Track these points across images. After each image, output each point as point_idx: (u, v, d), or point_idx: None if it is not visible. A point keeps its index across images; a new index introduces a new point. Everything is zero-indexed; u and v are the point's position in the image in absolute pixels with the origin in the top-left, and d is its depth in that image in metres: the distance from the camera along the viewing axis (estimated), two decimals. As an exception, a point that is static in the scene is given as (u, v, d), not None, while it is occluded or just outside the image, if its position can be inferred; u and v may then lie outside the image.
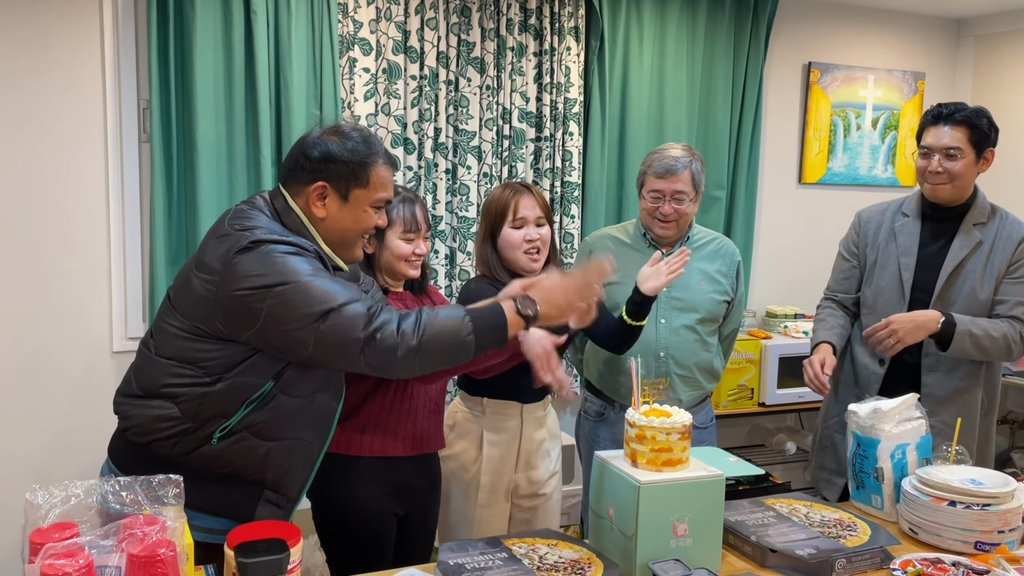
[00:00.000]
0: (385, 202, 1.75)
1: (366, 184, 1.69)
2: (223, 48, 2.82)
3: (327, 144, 1.69)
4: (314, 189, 1.68)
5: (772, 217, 3.98)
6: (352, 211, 1.70)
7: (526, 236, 2.29)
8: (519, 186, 2.34)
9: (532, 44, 3.30)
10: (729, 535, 1.84)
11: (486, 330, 1.63)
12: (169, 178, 2.82)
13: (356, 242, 1.75)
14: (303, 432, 1.73)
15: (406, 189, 2.19)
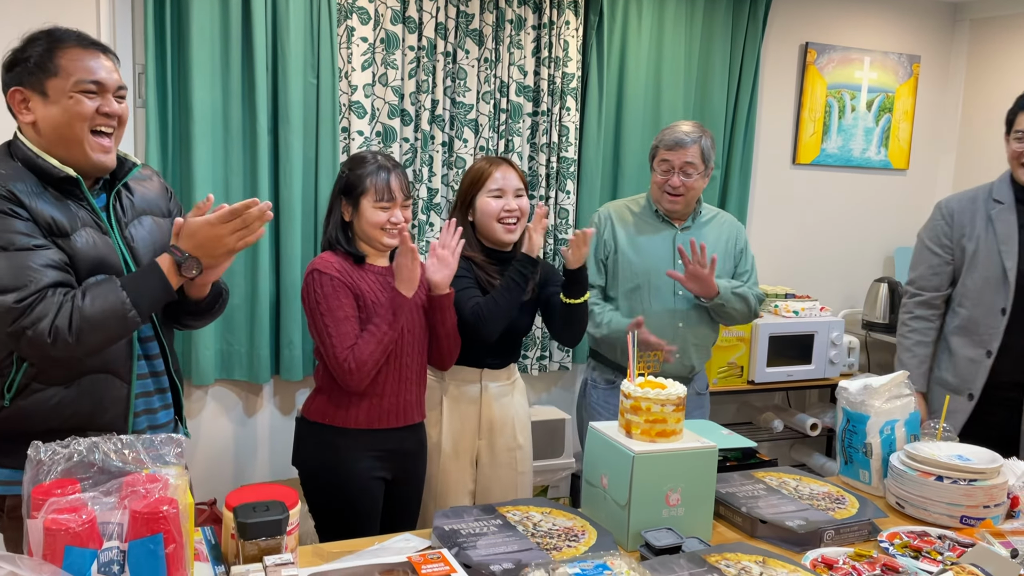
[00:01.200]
0: (93, 83, 1.63)
1: (56, 73, 1.62)
2: (220, 14, 2.79)
3: (7, 54, 1.67)
4: (11, 97, 1.65)
5: (765, 197, 3.99)
6: (57, 104, 1.62)
7: (505, 206, 2.31)
8: (497, 158, 2.36)
9: (531, 17, 3.28)
10: (720, 506, 1.87)
11: (146, 295, 1.62)
12: (164, 144, 2.80)
13: (81, 137, 1.64)
14: (97, 371, 1.67)
15: (386, 156, 2.17)
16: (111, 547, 1.17)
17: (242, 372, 3.00)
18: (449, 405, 2.38)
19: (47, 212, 1.59)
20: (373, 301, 2.10)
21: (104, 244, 1.66)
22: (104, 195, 1.75)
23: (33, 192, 1.60)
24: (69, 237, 1.61)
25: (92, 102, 1.63)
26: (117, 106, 1.67)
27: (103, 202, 1.73)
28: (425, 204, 3.20)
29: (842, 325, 3.77)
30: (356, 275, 2.12)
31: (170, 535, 1.19)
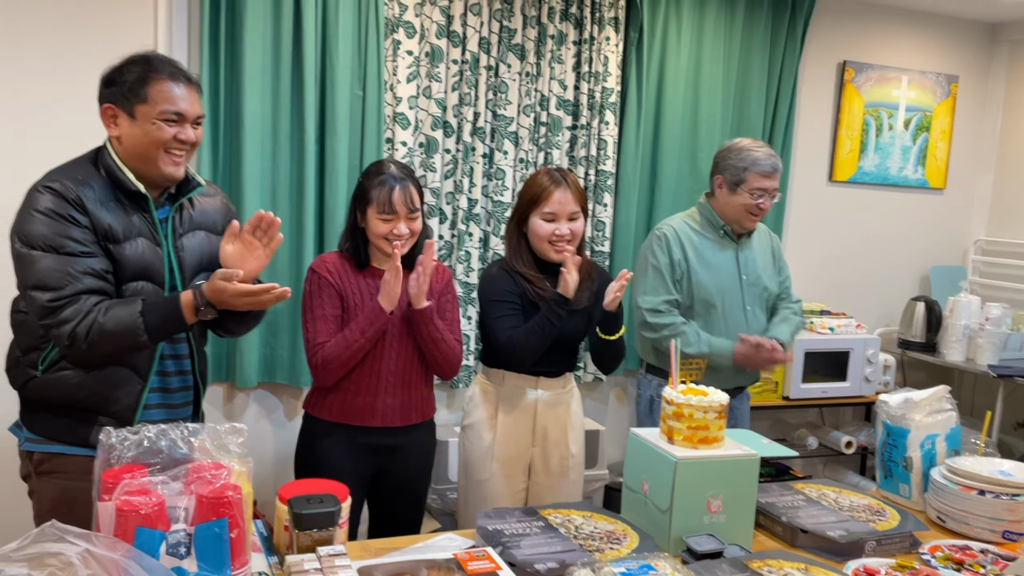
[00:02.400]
0: (175, 113, 1.81)
1: (145, 100, 1.79)
2: (272, 27, 2.88)
3: (107, 71, 1.84)
4: (104, 112, 1.83)
5: (801, 213, 4.00)
6: (141, 126, 1.80)
7: (556, 230, 2.33)
8: (558, 176, 2.35)
9: (572, 33, 3.34)
10: (760, 516, 1.88)
11: (159, 323, 1.77)
12: (215, 153, 2.88)
13: (156, 156, 1.81)
14: (121, 364, 1.83)
15: (399, 167, 2.20)
16: (178, 530, 1.22)
17: (283, 375, 3.07)
18: (504, 412, 2.40)
19: (106, 220, 1.78)
20: (356, 304, 2.19)
21: (152, 253, 1.84)
22: (168, 207, 1.91)
23: (100, 199, 1.79)
24: (120, 244, 1.79)
25: (171, 129, 1.81)
26: (192, 133, 1.85)
27: (166, 213, 1.90)
28: (465, 214, 3.25)
29: (878, 343, 3.76)
30: (349, 277, 2.21)
31: (234, 520, 1.24)
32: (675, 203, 3.56)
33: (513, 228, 2.41)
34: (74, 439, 1.84)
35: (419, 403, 2.30)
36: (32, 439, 1.87)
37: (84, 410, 1.83)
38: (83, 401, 1.82)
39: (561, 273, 2.29)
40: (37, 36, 2.70)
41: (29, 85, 2.71)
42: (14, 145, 2.68)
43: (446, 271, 2.37)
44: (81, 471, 1.80)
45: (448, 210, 3.26)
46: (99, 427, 1.76)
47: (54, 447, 1.85)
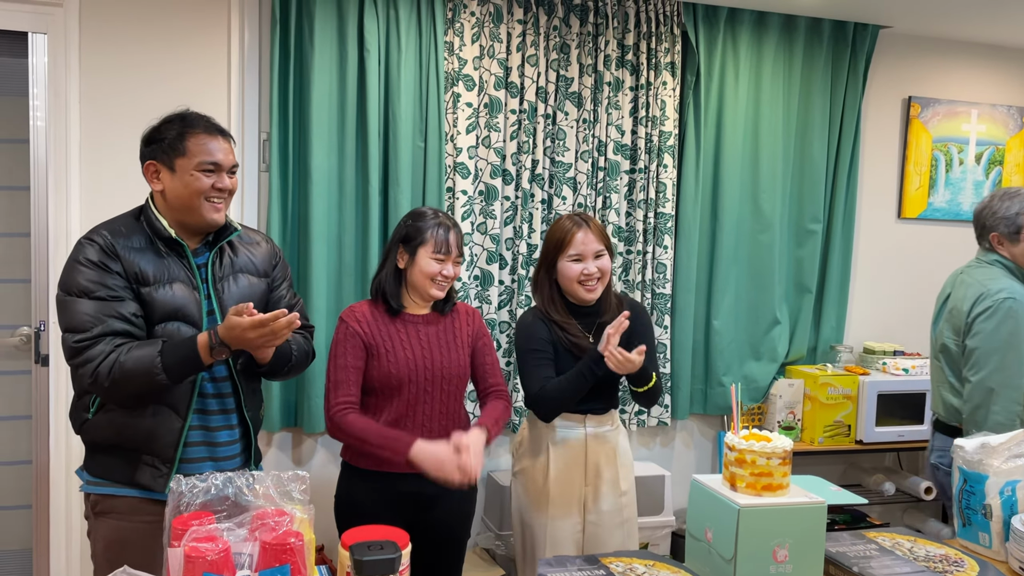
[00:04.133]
0: (212, 164, 1.92)
1: (184, 153, 1.91)
2: (338, 84, 3.00)
3: (147, 130, 1.97)
4: (146, 169, 1.95)
5: (870, 252, 3.91)
6: (181, 178, 1.91)
7: (584, 270, 2.37)
8: (578, 219, 2.41)
9: (628, 79, 3.38)
10: (829, 566, 1.82)
11: (177, 363, 1.83)
12: (285, 205, 2.99)
13: (198, 205, 1.92)
14: (160, 401, 1.90)
15: (446, 215, 2.29)
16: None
17: (349, 422, 3.12)
18: (555, 452, 2.41)
19: (138, 265, 1.89)
20: (387, 350, 2.21)
21: (187, 297, 1.93)
22: (208, 253, 2.00)
23: (136, 247, 1.91)
24: (152, 287, 1.89)
25: (209, 179, 1.92)
26: (228, 182, 1.97)
27: (205, 259, 1.99)
28: (525, 259, 3.29)
29: (956, 384, 3.61)
30: (379, 325, 2.24)
31: (296, 567, 1.27)
32: (737, 245, 3.53)
33: (543, 276, 2.44)
34: (123, 479, 1.93)
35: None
36: (90, 481, 1.97)
37: (130, 449, 1.91)
38: (128, 441, 1.91)
39: (606, 333, 2.27)
40: (117, 98, 2.87)
41: (110, 147, 2.87)
42: (98, 203, 2.84)
43: (475, 313, 2.41)
44: (130, 510, 1.92)
45: (508, 255, 3.30)
46: (144, 466, 1.92)
47: (107, 488, 1.94)
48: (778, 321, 3.61)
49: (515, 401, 3.29)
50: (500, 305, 3.31)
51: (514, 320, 3.30)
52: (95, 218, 2.82)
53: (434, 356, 2.25)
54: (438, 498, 2.27)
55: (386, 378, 2.21)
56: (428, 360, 2.24)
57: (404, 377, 2.21)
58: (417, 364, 2.23)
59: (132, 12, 2.87)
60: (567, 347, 2.39)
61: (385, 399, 2.23)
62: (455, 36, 3.13)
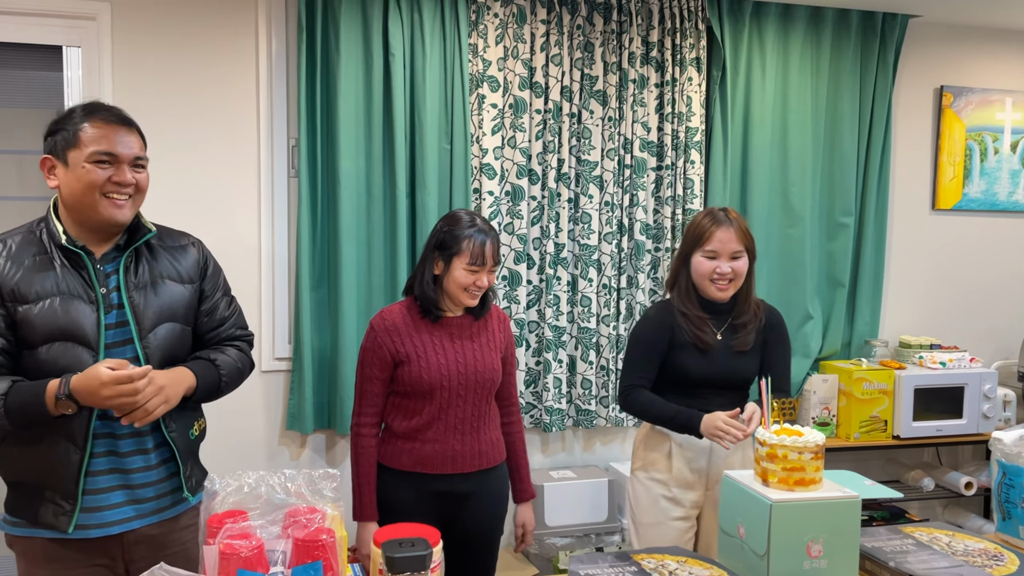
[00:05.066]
0: (106, 154, 1.74)
1: (76, 144, 1.73)
2: (364, 89, 3.03)
3: (49, 122, 1.79)
4: (41, 165, 1.78)
5: (904, 244, 3.86)
6: (74, 172, 1.73)
7: (716, 268, 2.35)
8: (722, 215, 2.39)
9: (654, 76, 3.37)
10: (865, 561, 1.80)
11: (20, 409, 1.66)
12: (314, 210, 3.03)
13: (94, 201, 1.74)
14: (52, 436, 1.72)
15: (483, 220, 2.26)
16: (276, 572, 1.27)
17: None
18: (677, 456, 2.40)
19: (13, 281, 1.71)
20: (418, 355, 2.22)
21: (77, 312, 1.72)
22: (119, 259, 1.81)
23: (20, 260, 1.73)
24: (29, 304, 1.70)
25: (104, 171, 1.73)
26: (130, 175, 1.77)
27: (116, 265, 1.80)
28: (552, 259, 3.29)
29: (995, 377, 3.55)
30: (411, 330, 2.24)
31: (328, 563, 1.29)
32: (768, 239, 3.50)
33: (680, 269, 2.45)
34: (28, 517, 1.76)
35: (489, 448, 2.32)
36: (6, 519, 1.80)
37: (31, 484, 1.75)
38: (28, 475, 1.75)
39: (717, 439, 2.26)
40: (149, 109, 2.93)
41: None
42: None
43: (507, 320, 2.42)
44: (43, 557, 1.75)
45: (536, 255, 3.30)
46: (46, 503, 1.73)
47: (18, 530, 1.78)
48: (811, 316, 3.57)
49: (559, 402, 3.29)
50: (528, 305, 3.31)
51: (542, 320, 3.31)
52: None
53: (467, 360, 2.26)
54: (470, 497, 2.29)
55: (417, 383, 2.22)
56: (461, 365, 2.25)
57: (436, 383, 2.22)
58: (450, 369, 2.23)
59: (162, 23, 2.93)
60: (691, 339, 2.37)
61: (418, 402, 2.25)
62: (479, 38, 3.15)
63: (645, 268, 3.40)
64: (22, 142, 2.97)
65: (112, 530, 1.78)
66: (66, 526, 1.74)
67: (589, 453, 3.52)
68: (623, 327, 3.40)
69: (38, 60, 2.93)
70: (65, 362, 1.70)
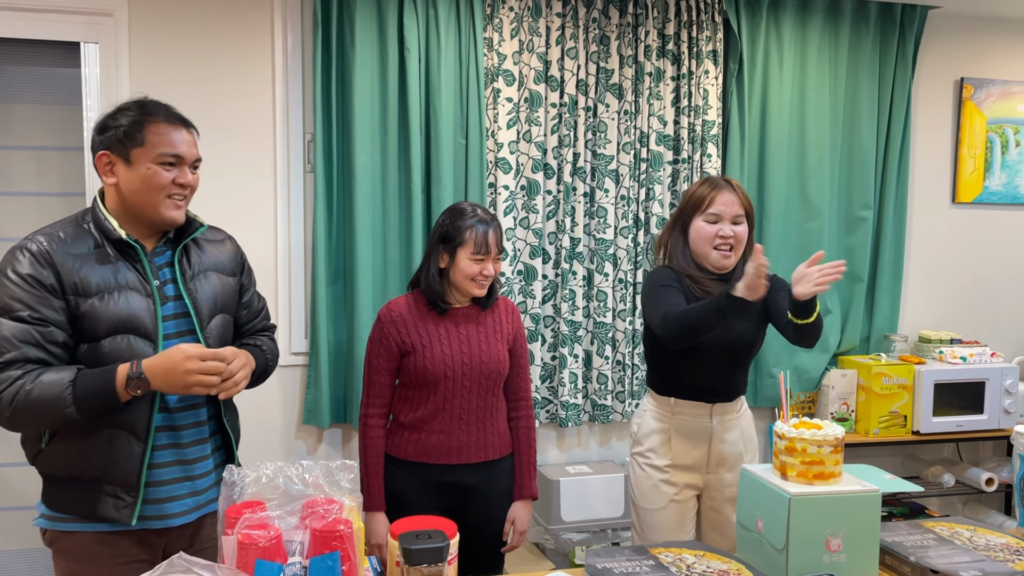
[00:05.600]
0: (173, 156, 1.74)
1: (142, 143, 1.72)
2: (379, 83, 3.03)
3: (100, 118, 1.77)
4: (98, 160, 1.75)
5: (924, 238, 3.82)
6: (137, 171, 1.72)
7: (719, 232, 2.29)
8: (722, 180, 2.35)
9: (670, 69, 3.35)
10: (885, 555, 1.79)
11: (88, 397, 1.63)
12: (330, 205, 3.03)
13: (157, 202, 1.74)
14: (112, 430, 1.71)
15: (484, 210, 2.27)
16: (294, 563, 1.27)
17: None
18: (677, 440, 2.38)
19: (77, 275, 1.68)
20: (423, 345, 2.23)
21: (137, 305, 1.72)
22: (170, 251, 1.83)
23: (76, 254, 1.70)
24: (93, 298, 1.69)
25: (169, 173, 1.75)
26: (191, 177, 1.79)
27: (168, 258, 1.82)
28: (568, 253, 3.28)
29: (1016, 372, 3.51)
30: (417, 321, 2.25)
31: (346, 554, 1.29)
32: (785, 233, 3.48)
33: (675, 236, 2.35)
34: (83, 512, 1.74)
35: (495, 439, 2.33)
36: (45, 515, 1.78)
37: (89, 480, 1.72)
38: (86, 470, 1.72)
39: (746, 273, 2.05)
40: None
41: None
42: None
43: (516, 311, 2.41)
44: (89, 553, 1.73)
45: (551, 250, 3.30)
46: (106, 497, 1.71)
47: (64, 524, 1.75)
48: (829, 311, 3.55)
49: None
50: (544, 300, 3.30)
51: (558, 315, 3.30)
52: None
53: (472, 351, 2.26)
54: (476, 488, 2.30)
55: (422, 374, 2.23)
56: (466, 356, 2.25)
57: (440, 373, 2.23)
58: (455, 360, 2.24)
59: (179, 19, 2.94)
60: (699, 296, 2.29)
61: (423, 392, 2.26)
62: (494, 32, 3.14)
63: (663, 261, 3.38)
64: (40, 138, 2.99)
65: (173, 522, 1.79)
66: (129, 519, 1.73)
67: (605, 448, 3.52)
68: (639, 322, 3.38)
69: (56, 56, 2.96)
70: (128, 355, 1.69)
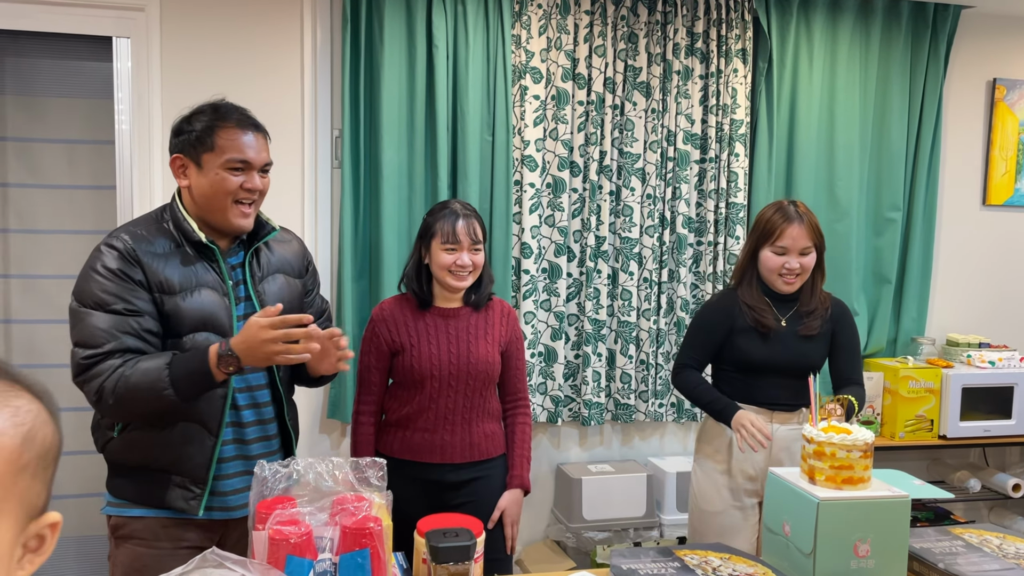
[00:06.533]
0: (241, 161, 1.77)
1: (212, 148, 1.75)
2: (407, 80, 3.04)
3: (177, 121, 1.82)
4: (172, 163, 1.79)
5: (953, 240, 3.77)
6: (207, 176, 1.76)
7: (785, 264, 2.38)
8: (793, 212, 2.40)
9: (698, 67, 3.33)
10: (913, 562, 1.77)
11: (186, 378, 1.65)
12: (356, 201, 3.05)
13: (225, 207, 1.77)
14: (189, 419, 1.75)
15: (463, 204, 2.28)
16: (324, 559, 1.28)
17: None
18: (739, 445, 2.38)
19: (162, 273, 1.73)
20: (412, 344, 2.23)
21: (215, 303, 1.77)
22: (242, 252, 1.88)
23: (159, 253, 1.75)
24: (177, 295, 1.73)
25: (237, 178, 1.77)
26: (259, 182, 1.81)
27: (240, 259, 1.86)
28: (593, 251, 3.27)
29: (1047, 377, 3.46)
30: (407, 320, 2.26)
31: (375, 551, 1.29)
32: (812, 234, 3.44)
33: (747, 261, 2.49)
34: (151, 501, 1.78)
35: (482, 440, 2.29)
36: (112, 502, 1.83)
37: (158, 470, 1.77)
38: (157, 461, 1.77)
39: (739, 434, 2.33)
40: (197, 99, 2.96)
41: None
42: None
43: (512, 313, 2.38)
44: (154, 536, 1.78)
45: (576, 248, 3.29)
46: (175, 487, 1.76)
47: (131, 510, 1.80)
48: (856, 312, 3.51)
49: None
50: (568, 298, 3.30)
51: (582, 313, 3.29)
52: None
53: (460, 350, 2.24)
54: (462, 488, 2.27)
55: (408, 372, 2.23)
56: (454, 355, 2.23)
57: (426, 372, 2.21)
58: (441, 359, 2.22)
59: (209, 15, 2.96)
60: (752, 324, 2.41)
61: (408, 391, 2.25)
62: (522, 29, 3.14)
63: (687, 262, 3.37)
64: (72, 131, 3.03)
65: (234, 514, 1.83)
66: (196, 509, 1.77)
67: (627, 448, 3.51)
68: (663, 321, 3.37)
69: (89, 51, 2.99)
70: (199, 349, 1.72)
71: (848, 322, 2.52)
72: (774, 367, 2.41)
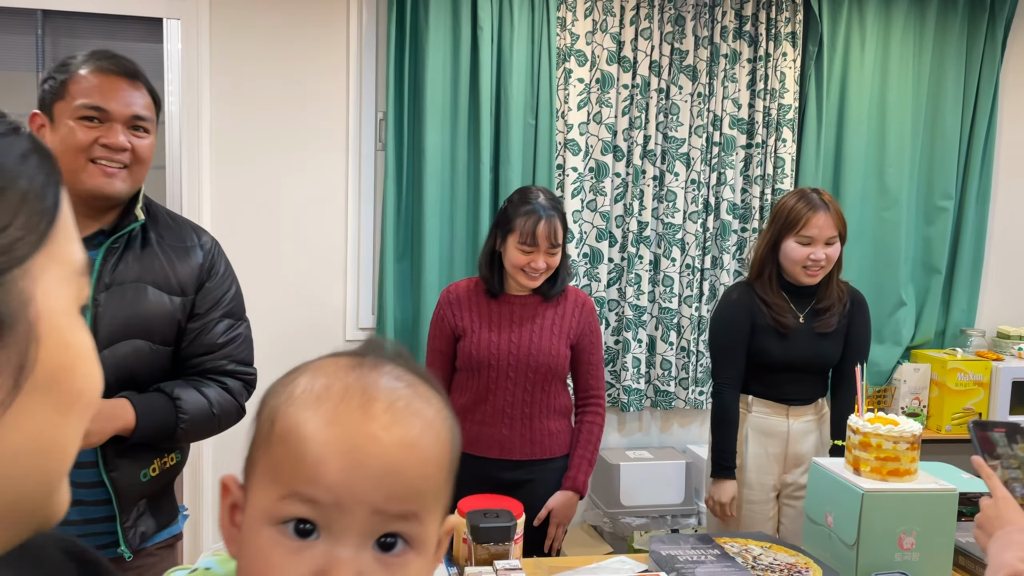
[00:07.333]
0: (94, 108, 1.40)
1: (63, 95, 1.40)
2: (451, 62, 3.04)
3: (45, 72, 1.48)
4: (31, 121, 1.44)
5: (1007, 230, 3.67)
6: (58, 131, 1.41)
7: (811, 255, 2.28)
8: (818, 200, 2.31)
9: (746, 51, 3.27)
10: (959, 556, 1.74)
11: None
12: (399, 183, 3.06)
13: (79, 167, 1.39)
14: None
15: (548, 197, 2.16)
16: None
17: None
18: (753, 438, 2.37)
19: None
20: (475, 329, 2.18)
21: None
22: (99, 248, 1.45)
23: None
24: None
25: (91, 131, 1.40)
26: (123, 139, 1.41)
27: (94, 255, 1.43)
28: (635, 237, 3.25)
29: (1102, 372, 3.36)
30: (473, 306, 2.21)
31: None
32: (861, 222, 3.38)
33: (766, 253, 2.37)
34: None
35: (544, 438, 2.21)
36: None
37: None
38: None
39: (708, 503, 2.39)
40: (245, 80, 2.99)
41: (238, 129, 3.01)
42: (228, 184, 2.98)
43: (588, 303, 2.26)
44: None
45: (618, 233, 3.27)
46: None
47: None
48: (903, 303, 3.44)
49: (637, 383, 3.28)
50: (609, 283, 3.29)
51: (623, 299, 3.28)
52: (225, 199, 2.96)
53: (521, 340, 2.16)
54: (522, 486, 2.17)
55: (467, 359, 2.18)
56: (514, 344, 2.16)
57: (483, 360, 2.16)
58: (500, 347, 2.15)
59: (257, -3, 2.99)
60: (771, 323, 2.34)
61: (467, 378, 2.21)
62: (567, 11, 3.11)
63: (730, 249, 3.33)
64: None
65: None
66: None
67: (666, 435, 3.49)
68: (705, 308, 3.34)
69: (140, 32, 3.03)
70: None
71: (861, 316, 2.42)
72: (791, 366, 2.36)
